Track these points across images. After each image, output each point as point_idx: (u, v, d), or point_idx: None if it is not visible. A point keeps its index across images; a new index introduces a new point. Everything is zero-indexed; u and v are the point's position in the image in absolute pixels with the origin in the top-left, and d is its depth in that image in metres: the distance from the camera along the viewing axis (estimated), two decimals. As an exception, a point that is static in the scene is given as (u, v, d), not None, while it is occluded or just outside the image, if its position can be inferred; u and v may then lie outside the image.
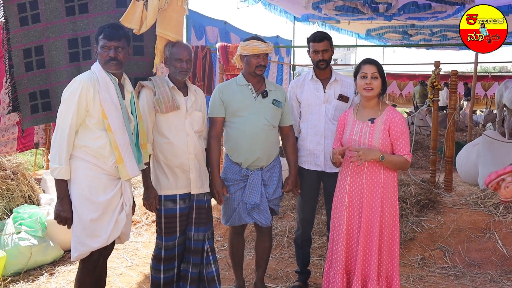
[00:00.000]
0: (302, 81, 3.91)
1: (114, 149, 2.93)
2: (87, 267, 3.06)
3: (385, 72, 3.56)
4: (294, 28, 12.52)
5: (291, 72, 11.90)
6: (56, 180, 2.91)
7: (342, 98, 3.76)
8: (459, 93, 15.04)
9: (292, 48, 12.22)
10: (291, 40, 12.62)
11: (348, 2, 8.86)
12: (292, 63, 12.35)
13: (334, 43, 3.80)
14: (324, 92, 3.78)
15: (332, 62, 3.86)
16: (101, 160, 2.95)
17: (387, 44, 15.43)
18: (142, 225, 5.49)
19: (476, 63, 9.14)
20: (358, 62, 3.45)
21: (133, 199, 3.22)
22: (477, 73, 10.47)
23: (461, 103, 15.34)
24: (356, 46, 13.24)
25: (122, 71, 3.12)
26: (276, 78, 10.92)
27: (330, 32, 14.37)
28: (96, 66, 3.03)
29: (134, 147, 3.06)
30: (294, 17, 11.90)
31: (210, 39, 8.34)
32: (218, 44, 6.64)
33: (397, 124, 3.21)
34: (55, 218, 2.95)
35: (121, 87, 3.10)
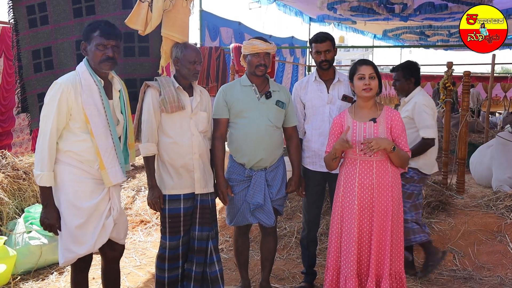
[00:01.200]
0: (306, 83, 3.90)
1: (97, 154, 2.86)
2: (78, 267, 3.06)
3: None
4: (309, 28, 12.50)
5: (307, 73, 11.88)
6: (39, 186, 2.84)
7: (346, 98, 3.74)
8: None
9: (308, 49, 12.18)
10: (307, 41, 12.56)
11: (363, 3, 8.81)
12: (307, 64, 12.32)
13: (350, 43, 3.88)
14: (328, 93, 3.77)
15: (350, 63, 3.85)
16: (86, 164, 2.89)
17: (404, 44, 15.29)
18: (152, 225, 5.53)
19: (493, 64, 9.01)
20: (376, 63, 3.43)
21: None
22: (498, 74, 10.31)
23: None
24: (373, 46, 13.17)
25: None
26: (291, 79, 10.92)
27: (346, 33, 14.44)
28: (81, 67, 2.92)
29: (119, 150, 3.00)
30: (310, 17, 11.89)
31: (224, 40, 8.37)
32: (232, 45, 6.65)
33: (398, 122, 3.25)
34: (41, 225, 2.89)
35: (109, 86, 3.02)
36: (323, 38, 3.71)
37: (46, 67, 3.82)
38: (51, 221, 2.84)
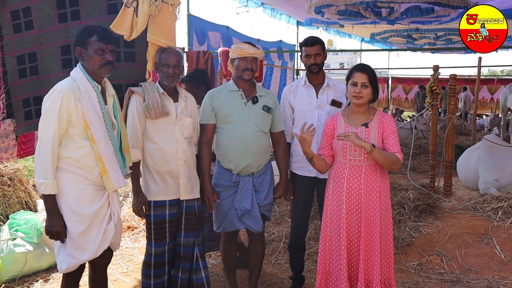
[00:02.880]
0: (295, 87, 3.90)
1: (98, 160, 2.85)
2: (72, 275, 3.02)
3: (390, 76, 3.55)
4: (297, 32, 12.51)
5: (295, 77, 11.87)
6: (43, 195, 2.82)
7: (335, 103, 3.74)
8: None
9: (296, 53, 12.18)
10: (295, 45, 12.56)
11: (351, 7, 8.84)
12: (296, 67, 12.32)
13: (339, 47, 3.86)
14: (317, 97, 3.77)
15: (338, 66, 3.87)
16: (86, 170, 2.88)
17: (392, 48, 15.39)
18: (140, 231, 5.48)
19: (479, 66, 9.09)
20: None
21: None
22: (485, 77, 10.44)
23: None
24: (361, 50, 13.21)
25: None
26: (279, 83, 10.91)
27: (334, 37, 14.51)
28: (77, 73, 2.90)
29: (118, 155, 3.00)
30: (298, 21, 11.90)
31: (212, 44, 8.33)
32: (220, 49, 6.63)
33: (388, 124, 3.24)
34: (47, 234, 2.86)
35: (103, 91, 3.02)
36: (313, 42, 3.71)
37: (31, 72, 3.78)
38: (58, 229, 2.82)
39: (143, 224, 5.53)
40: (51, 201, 2.82)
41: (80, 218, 2.85)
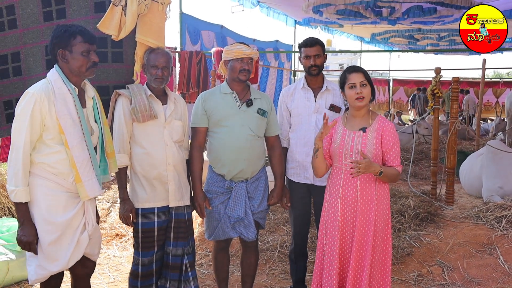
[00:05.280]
0: (293, 90, 3.78)
1: (72, 166, 2.72)
2: (48, 285, 2.89)
3: (391, 78, 3.43)
4: (295, 32, 12.32)
5: (292, 78, 11.70)
6: (15, 203, 2.69)
7: (334, 108, 3.63)
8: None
9: (293, 53, 11.99)
10: (292, 45, 12.36)
11: (350, 6, 8.71)
12: (293, 68, 12.15)
13: (338, 47, 3.72)
14: (315, 101, 3.65)
15: (337, 68, 3.75)
16: (60, 177, 2.74)
17: (393, 49, 15.24)
18: (128, 239, 5.31)
19: (484, 68, 8.91)
20: (364, 67, 3.30)
21: (98, 214, 3.06)
22: (490, 79, 10.30)
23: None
24: (361, 51, 13.06)
25: None
26: (275, 85, 10.78)
27: (333, 36, 14.36)
28: (53, 75, 2.77)
29: (95, 161, 2.86)
30: (295, 20, 11.75)
31: (206, 44, 8.20)
32: (213, 49, 6.52)
33: (389, 134, 3.10)
34: (18, 244, 2.73)
35: (82, 94, 2.88)
36: (312, 42, 3.60)
37: (14, 73, 3.63)
38: (29, 238, 2.68)
39: (132, 232, 5.38)
40: (22, 209, 2.69)
41: (51, 226, 2.72)
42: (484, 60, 8.89)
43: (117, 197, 6.34)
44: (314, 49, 3.59)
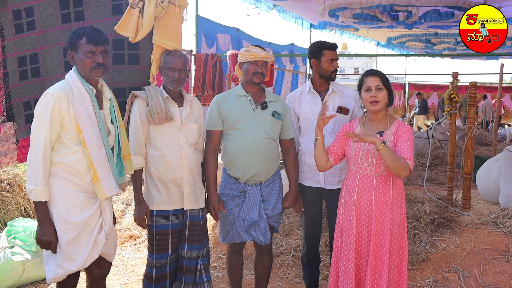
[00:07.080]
0: (300, 94, 3.74)
1: (90, 166, 2.74)
2: (65, 285, 2.91)
3: (407, 82, 3.41)
4: (310, 35, 12.30)
5: (307, 81, 11.68)
6: (34, 202, 2.72)
7: (342, 110, 3.59)
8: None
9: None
10: (307, 48, 12.37)
11: (366, 10, 8.65)
12: (308, 72, 12.12)
13: (353, 51, 3.73)
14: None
15: (353, 71, 3.74)
16: (77, 176, 2.77)
17: (410, 53, 15.13)
18: (142, 241, 5.31)
19: (501, 73, 8.80)
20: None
21: (114, 215, 3.07)
22: (507, 84, 10.16)
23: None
24: (376, 55, 12.96)
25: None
26: (290, 88, 10.75)
27: (349, 40, 14.30)
28: (71, 76, 2.79)
29: (112, 161, 2.88)
30: (311, 24, 11.71)
31: (221, 47, 8.21)
32: (229, 52, 6.51)
33: (404, 132, 3.07)
34: (37, 243, 2.75)
35: (99, 95, 2.91)
36: (336, 46, 3.60)
37: (32, 74, 3.67)
38: (49, 238, 2.70)
39: (146, 234, 5.39)
40: (42, 209, 2.71)
41: (69, 226, 2.74)
42: (502, 65, 8.78)
43: (131, 199, 6.37)
44: (336, 53, 3.60)
